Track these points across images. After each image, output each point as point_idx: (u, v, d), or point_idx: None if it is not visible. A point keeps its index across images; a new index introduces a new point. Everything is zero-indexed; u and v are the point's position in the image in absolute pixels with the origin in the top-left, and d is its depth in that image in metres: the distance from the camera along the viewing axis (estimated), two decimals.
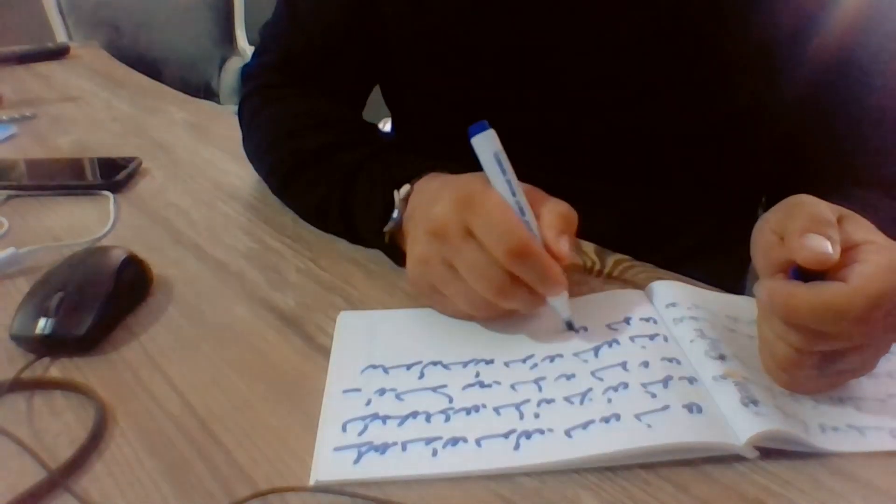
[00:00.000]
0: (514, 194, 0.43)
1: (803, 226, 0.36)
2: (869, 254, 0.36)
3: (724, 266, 0.66)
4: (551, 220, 0.43)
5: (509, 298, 0.42)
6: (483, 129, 0.43)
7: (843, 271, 0.36)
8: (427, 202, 0.45)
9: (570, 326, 0.45)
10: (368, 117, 0.69)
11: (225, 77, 2.23)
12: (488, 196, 0.42)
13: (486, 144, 0.43)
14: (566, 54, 0.58)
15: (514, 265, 0.40)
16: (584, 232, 0.58)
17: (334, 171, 0.57)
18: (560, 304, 0.44)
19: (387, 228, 0.51)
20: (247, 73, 0.72)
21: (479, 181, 0.43)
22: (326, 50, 0.68)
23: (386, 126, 0.86)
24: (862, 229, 0.38)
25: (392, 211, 0.51)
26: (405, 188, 0.50)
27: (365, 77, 0.72)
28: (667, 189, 0.64)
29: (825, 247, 0.35)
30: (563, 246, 0.42)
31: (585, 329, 0.45)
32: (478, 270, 0.41)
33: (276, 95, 0.68)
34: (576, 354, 0.43)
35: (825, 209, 0.38)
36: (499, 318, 0.45)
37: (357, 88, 0.72)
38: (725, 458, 0.35)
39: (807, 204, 0.38)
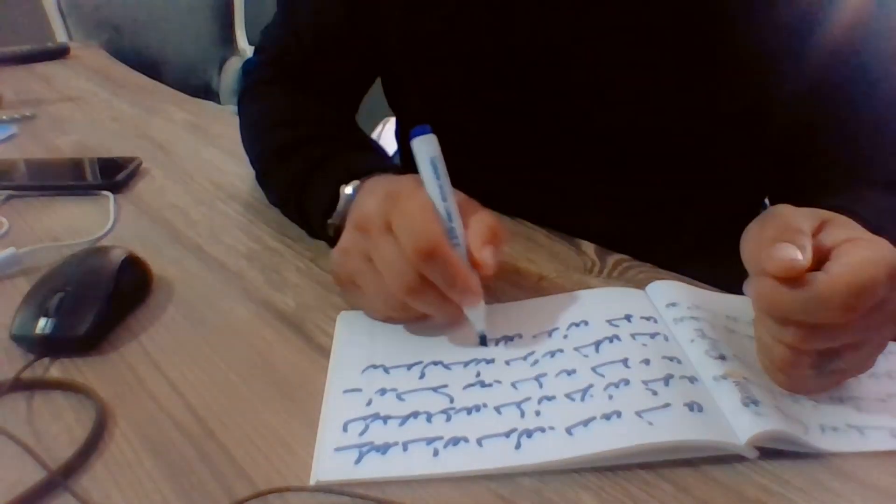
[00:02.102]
0: (444, 199, 0.43)
1: (773, 236, 0.37)
2: (851, 247, 0.37)
3: (724, 265, 0.66)
4: (478, 229, 0.43)
5: (419, 299, 0.42)
6: (424, 132, 0.43)
7: (825, 266, 0.36)
8: (364, 198, 0.46)
9: (482, 341, 0.44)
10: (370, 117, 0.69)
11: (225, 77, 2.23)
12: (414, 195, 0.42)
13: (425, 148, 0.43)
14: (567, 54, 0.58)
15: (423, 265, 0.40)
16: (584, 229, 0.59)
17: (298, 164, 0.59)
18: (475, 315, 0.43)
19: (330, 221, 0.53)
20: (245, 69, 0.75)
21: (413, 181, 0.44)
22: (319, 51, 0.69)
23: (388, 126, 0.86)
24: (846, 229, 0.38)
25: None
26: (354, 184, 0.52)
27: (358, 77, 0.73)
28: (667, 186, 0.64)
29: (792, 254, 0.36)
30: (486, 255, 0.42)
31: (586, 323, 0.45)
32: (390, 266, 0.41)
33: (264, 92, 0.71)
34: (576, 349, 0.43)
35: (799, 217, 0.38)
36: (413, 320, 0.45)
37: (349, 88, 0.73)
38: (725, 458, 0.35)
39: (780, 214, 0.39)
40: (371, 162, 0.54)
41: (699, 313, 0.45)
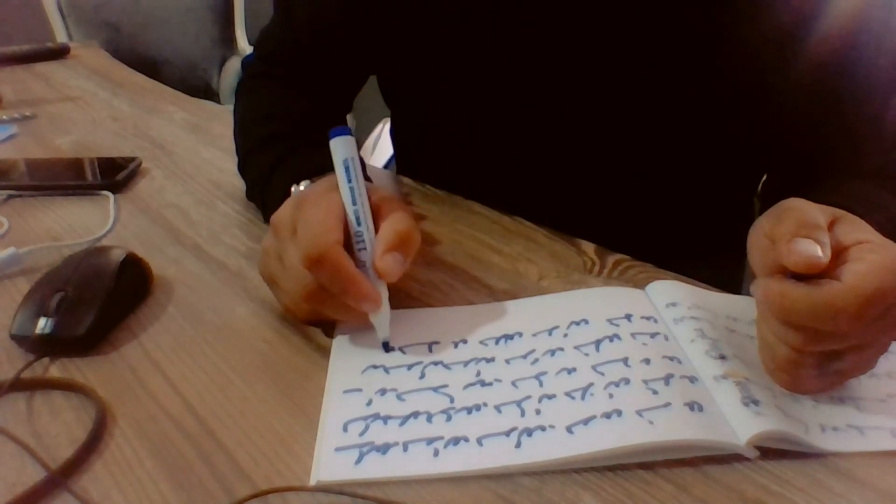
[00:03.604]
0: (353, 203, 0.43)
1: (792, 230, 0.36)
2: (864, 252, 0.36)
3: (722, 261, 0.66)
4: (385, 235, 0.43)
5: (318, 304, 0.42)
6: (342, 133, 0.43)
7: (838, 270, 0.36)
8: (288, 200, 0.46)
9: (385, 348, 0.44)
10: (370, 117, 0.69)
11: (225, 77, 2.23)
12: (321, 199, 0.42)
13: (339, 149, 0.43)
14: (562, 49, 0.58)
15: (314, 272, 0.40)
16: (583, 224, 0.59)
17: (263, 161, 0.60)
18: (377, 321, 0.43)
19: None
20: (243, 64, 0.75)
21: (330, 183, 0.44)
22: (314, 48, 0.69)
23: (389, 126, 0.86)
24: (857, 230, 0.38)
25: None
26: (305, 183, 0.52)
27: (352, 75, 0.73)
28: (662, 180, 0.64)
29: (814, 250, 0.35)
30: (387, 263, 0.42)
31: (586, 322, 0.45)
32: (291, 270, 0.42)
33: (253, 87, 0.72)
34: (577, 348, 0.43)
35: (815, 213, 0.38)
36: (325, 320, 0.45)
37: (343, 85, 0.73)
38: (725, 458, 0.35)
39: (796, 208, 0.38)
40: (328, 160, 0.55)
41: (699, 313, 0.45)
